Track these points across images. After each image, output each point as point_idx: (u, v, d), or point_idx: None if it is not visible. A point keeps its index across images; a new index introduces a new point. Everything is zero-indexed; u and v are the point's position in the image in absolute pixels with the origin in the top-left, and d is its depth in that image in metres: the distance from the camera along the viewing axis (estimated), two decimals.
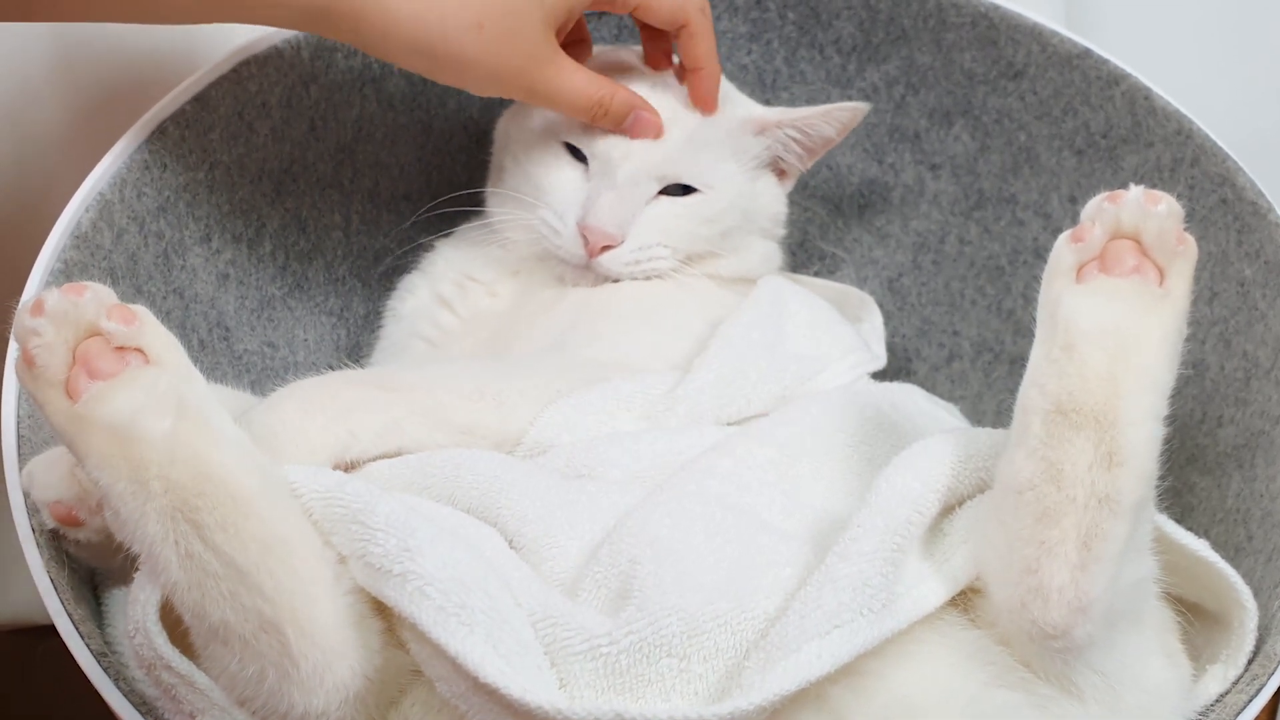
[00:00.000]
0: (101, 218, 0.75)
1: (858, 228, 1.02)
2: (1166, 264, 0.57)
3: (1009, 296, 0.96)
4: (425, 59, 0.77)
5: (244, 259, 0.86)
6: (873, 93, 0.97)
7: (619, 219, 0.82)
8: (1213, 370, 0.80)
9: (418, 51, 0.76)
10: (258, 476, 0.57)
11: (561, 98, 0.80)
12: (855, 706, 0.58)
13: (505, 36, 0.76)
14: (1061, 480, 0.56)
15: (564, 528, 0.63)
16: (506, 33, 0.76)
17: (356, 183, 0.93)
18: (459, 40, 0.76)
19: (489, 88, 0.79)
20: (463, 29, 0.75)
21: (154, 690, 0.59)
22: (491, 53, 0.76)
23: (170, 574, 0.55)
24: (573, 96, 0.80)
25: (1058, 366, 0.57)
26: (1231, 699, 0.63)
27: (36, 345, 0.55)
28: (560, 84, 0.80)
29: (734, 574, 0.60)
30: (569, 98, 0.80)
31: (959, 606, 0.61)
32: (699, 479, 0.65)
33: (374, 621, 0.58)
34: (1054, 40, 0.90)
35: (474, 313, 0.88)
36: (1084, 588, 0.56)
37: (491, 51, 0.76)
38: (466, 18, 0.75)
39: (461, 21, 0.75)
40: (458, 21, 0.75)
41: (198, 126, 0.81)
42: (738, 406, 0.74)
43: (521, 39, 0.77)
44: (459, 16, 0.75)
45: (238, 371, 0.85)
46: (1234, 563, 0.67)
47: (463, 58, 0.76)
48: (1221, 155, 0.82)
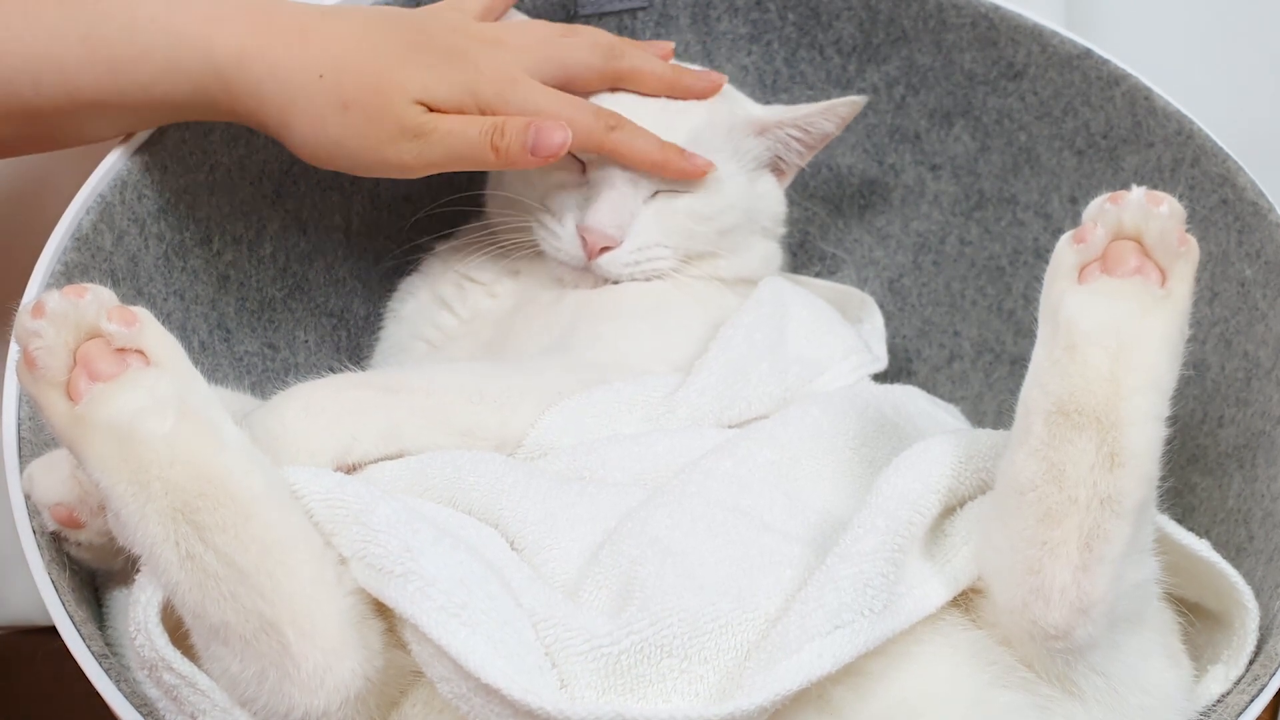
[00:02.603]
0: (102, 219, 0.75)
1: (858, 228, 1.02)
2: (1168, 265, 0.57)
3: (1010, 297, 0.96)
4: (295, 139, 0.76)
5: (244, 260, 0.86)
6: (873, 93, 0.97)
7: (617, 220, 0.82)
8: (1213, 370, 0.80)
9: (287, 130, 0.75)
10: (259, 478, 0.57)
11: (453, 146, 0.76)
12: (856, 707, 0.58)
13: (372, 115, 0.75)
14: (1063, 481, 0.56)
15: (565, 529, 0.63)
16: (373, 112, 0.75)
17: (357, 184, 0.93)
18: (325, 121, 0.74)
19: (365, 167, 0.77)
20: (329, 109, 0.74)
21: (155, 691, 0.59)
22: (356, 132, 0.75)
23: (171, 575, 0.55)
24: (463, 140, 0.76)
25: (1060, 367, 0.57)
26: (1233, 699, 0.63)
27: (37, 347, 0.56)
28: (446, 133, 0.76)
29: (735, 574, 0.60)
30: (460, 145, 0.77)
31: (960, 607, 0.61)
32: (700, 480, 0.65)
33: (375, 622, 0.58)
34: (1054, 40, 0.90)
35: (474, 314, 0.88)
36: (1086, 588, 0.56)
37: (356, 130, 0.75)
38: (333, 99, 0.74)
39: (328, 102, 0.74)
40: (325, 101, 0.74)
41: (198, 128, 0.81)
42: (739, 409, 0.74)
43: (389, 115, 0.75)
44: (326, 97, 0.74)
45: (238, 373, 0.85)
46: (1235, 563, 0.67)
47: (329, 138, 0.75)
48: (1222, 155, 0.82)
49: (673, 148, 0.83)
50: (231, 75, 0.74)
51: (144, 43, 0.73)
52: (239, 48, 0.74)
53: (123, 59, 0.73)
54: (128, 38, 0.73)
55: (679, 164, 0.83)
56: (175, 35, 0.73)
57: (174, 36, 0.73)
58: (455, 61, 0.78)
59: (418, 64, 0.76)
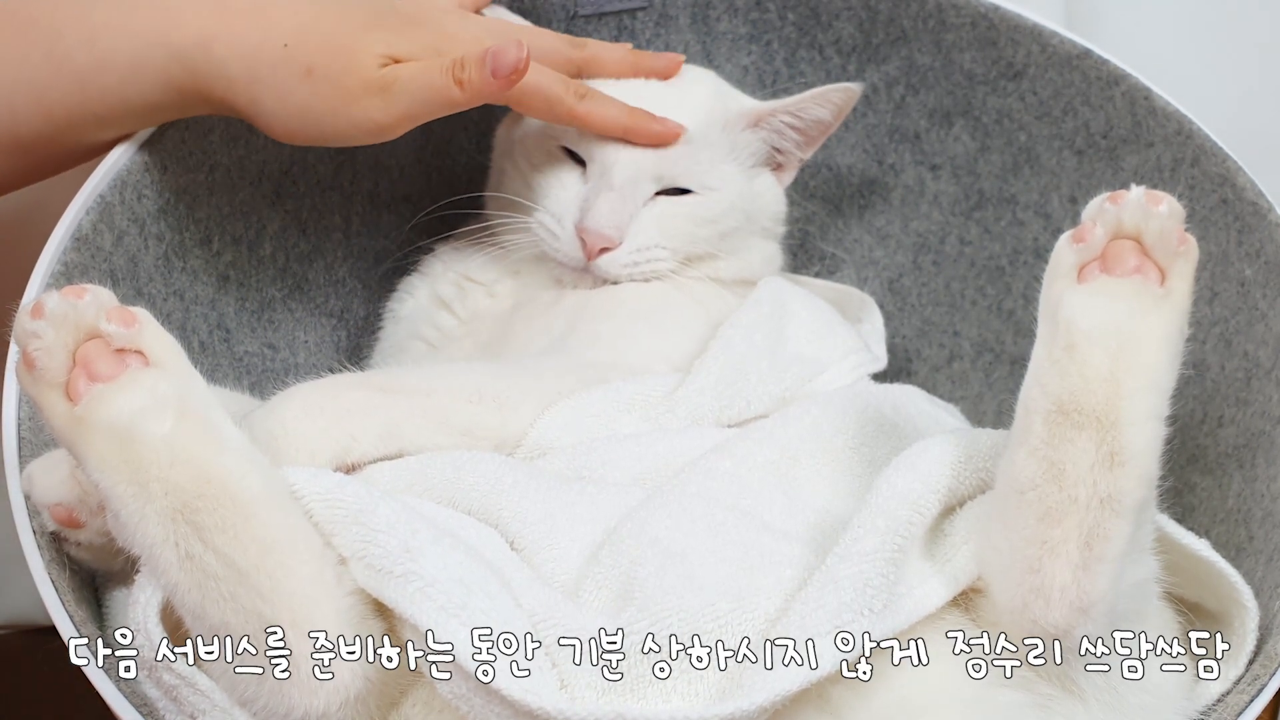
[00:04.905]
0: (102, 220, 0.75)
1: (858, 228, 1.02)
2: (1168, 264, 0.57)
3: (1009, 297, 0.96)
4: (264, 115, 0.75)
5: (244, 261, 0.86)
6: (873, 93, 0.97)
7: (616, 221, 0.82)
8: (1213, 370, 0.80)
9: (256, 106, 0.74)
10: (258, 478, 0.57)
11: (416, 91, 0.75)
12: (856, 706, 0.58)
13: (335, 77, 0.73)
14: (1063, 480, 0.56)
15: (565, 529, 0.63)
16: (337, 73, 0.73)
17: (356, 184, 0.93)
18: (290, 89, 0.73)
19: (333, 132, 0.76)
20: (293, 77, 0.73)
21: (155, 691, 0.59)
22: (321, 96, 0.74)
23: (171, 575, 0.55)
24: (425, 82, 0.75)
25: (1059, 366, 0.57)
26: (1232, 699, 0.63)
27: (37, 348, 0.56)
28: (409, 81, 0.74)
29: (735, 574, 0.60)
30: (422, 88, 0.75)
31: (960, 607, 0.61)
32: (700, 480, 0.66)
33: (375, 623, 0.58)
34: (1054, 40, 0.90)
35: (473, 314, 0.88)
36: (1086, 588, 0.56)
37: (321, 95, 0.74)
38: (296, 66, 0.73)
39: (292, 70, 0.73)
40: (289, 70, 0.73)
41: (198, 128, 0.81)
42: (738, 408, 0.74)
43: (352, 75, 0.74)
44: (290, 66, 0.73)
45: (238, 373, 0.85)
46: (1235, 563, 0.67)
47: (296, 105, 0.74)
48: (1221, 155, 0.82)
49: (641, 112, 0.83)
50: (197, 62, 0.73)
51: (104, 48, 0.73)
52: (199, 33, 0.73)
53: (87, 69, 0.73)
54: (88, 47, 0.73)
55: (649, 127, 0.83)
56: (133, 35, 0.73)
57: (132, 37, 0.73)
58: (421, 25, 0.77)
59: (382, 27, 0.76)
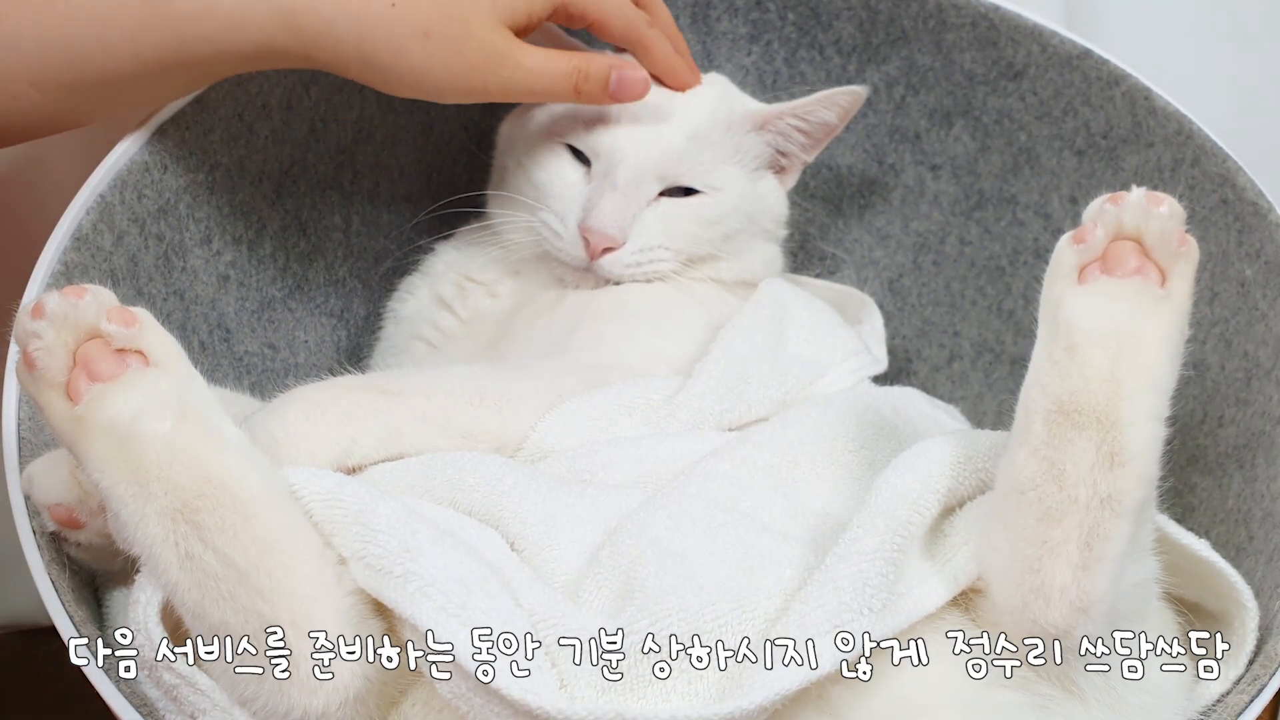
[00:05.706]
0: (102, 220, 0.75)
1: (858, 229, 1.02)
2: (1168, 265, 0.57)
3: (1009, 297, 0.96)
4: (378, 73, 0.75)
5: (244, 261, 0.86)
6: (873, 93, 0.97)
7: (620, 221, 0.82)
8: (1213, 371, 0.80)
9: (369, 65, 0.75)
10: (258, 478, 0.57)
11: (536, 83, 0.78)
12: (856, 706, 0.58)
13: (454, 41, 0.74)
14: (1064, 480, 0.56)
15: (565, 530, 0.63)
16: (455, 37, 0.74)
17: (357, 184, 0.93)
18: (406, 50, 0.74)
19: (450, 94, 0.77)
20: (409, 38, 0.74)
21: (155, 691, 0.59)
22: (440, 60, 0.74)
23: (170, 575, 0.56)
24: (547, 79, 0.78)
25: (1059, 367, 0.57)
26: (1233, 699, 0.63)
27: (37, 347, 0.56)
28: (529, 70, 0.77)
29: (735, 574, 0.60)
30: (544, 82, 0.78)
31: (960, 607, 0.61)
32: (700, 482, 0.66)
33: (375, 622, 0.58)
34: (1054, 41, 0.90)
35: (474, 314, 0.88)
36: (1086, 587, 0.56)
37: (440, 59, 0.74)
38: (411, 27, 0.74)
39: (406, 31, 0.74)
40: (403, 30, 0.74)
41: (198, 128, 0.81)
42: (739, 411, 0.74)
43: (471, 40, 0.75)
44: (404, 26, 0.73)
45: (238, 373, 0.85)
46: (1235, 563, 0.67)
47: (411, 67, 0.75)
48: (1221, 155, 0.82)
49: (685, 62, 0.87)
50: (301, 20, 0.73)
51: None
52: None
53: (186, 14, 0.72)
54: None
55: (687, 77, 0.86)
56: None
57: None
58: None
59: None
